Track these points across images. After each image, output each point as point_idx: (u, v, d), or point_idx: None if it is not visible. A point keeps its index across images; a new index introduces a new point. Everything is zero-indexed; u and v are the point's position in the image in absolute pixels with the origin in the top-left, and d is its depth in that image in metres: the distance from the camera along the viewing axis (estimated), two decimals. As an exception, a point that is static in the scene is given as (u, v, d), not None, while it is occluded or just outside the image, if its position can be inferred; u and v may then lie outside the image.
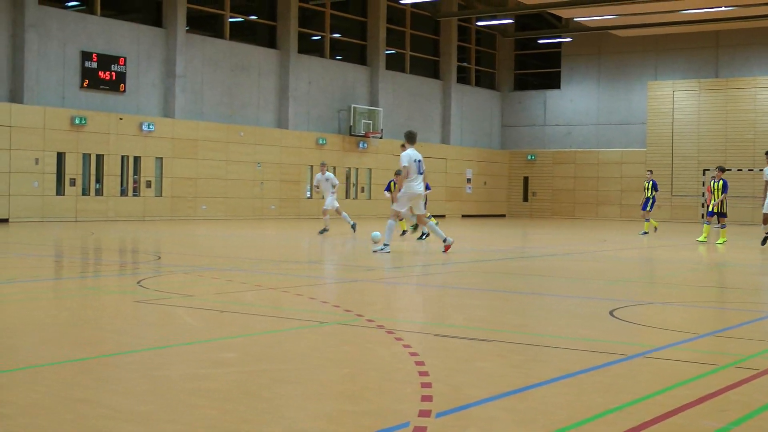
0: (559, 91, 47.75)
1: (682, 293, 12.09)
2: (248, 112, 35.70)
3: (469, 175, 46.37)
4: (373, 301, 10.47)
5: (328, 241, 21.96)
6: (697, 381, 5.89)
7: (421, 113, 44.07)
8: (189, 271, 13.30)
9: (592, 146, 46.46)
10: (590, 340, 7.59)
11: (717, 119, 42.69)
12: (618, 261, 17.75)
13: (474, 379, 5.91)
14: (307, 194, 37.54)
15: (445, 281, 12.87)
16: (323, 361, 6.50)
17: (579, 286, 12.59)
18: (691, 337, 7.88)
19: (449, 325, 8.45)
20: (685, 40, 43.72)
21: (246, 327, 8.01)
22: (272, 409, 4.99)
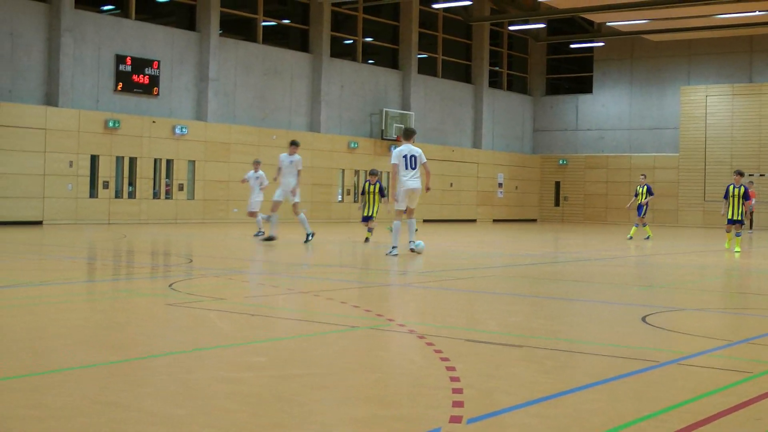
0: (591, 95, 47.54)
1: (714, 299, 11.99)
2: (281, 115, 35.82)
3: (501, 180, 46.25)
4: (404, 306, 10.46)
5: (359, 245, 21.97)
6: (731, 389, 5.84)
7: (452, 117, 44.04)
8: (220, 274, 13.35)
9: (624, 151, 46.21)
10: (622, 347, 7.54)
11: (750, 124, 42.34)
12: (650, 266, 17.63)
13: (506, 384, 5.88)
14: (338, 198, 37.59)
15: (476, 286, 12.84)
16: (354, 366, 6.50)
17: (611, 292, 12.51)
18: (724, 344, 7.81)
19: (480, 330, 8.42)
20: (719, 44, 43.40)
21: (277, 331, 8.03)
22: (304, 413, 5.00)
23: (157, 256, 17.97)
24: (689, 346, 7.82)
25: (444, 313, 9.83)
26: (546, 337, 7.92)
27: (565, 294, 11.96)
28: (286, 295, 10.79)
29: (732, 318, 9.95)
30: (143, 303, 10.09)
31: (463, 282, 13.35)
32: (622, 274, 15.81)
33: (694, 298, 12.15)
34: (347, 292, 11.45)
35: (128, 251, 18.75)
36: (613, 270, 16.48)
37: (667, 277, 15.44)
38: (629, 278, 15.02)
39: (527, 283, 13.50)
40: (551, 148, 48.64)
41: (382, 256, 18.10)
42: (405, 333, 7.89)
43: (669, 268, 17.27)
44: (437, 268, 15.96)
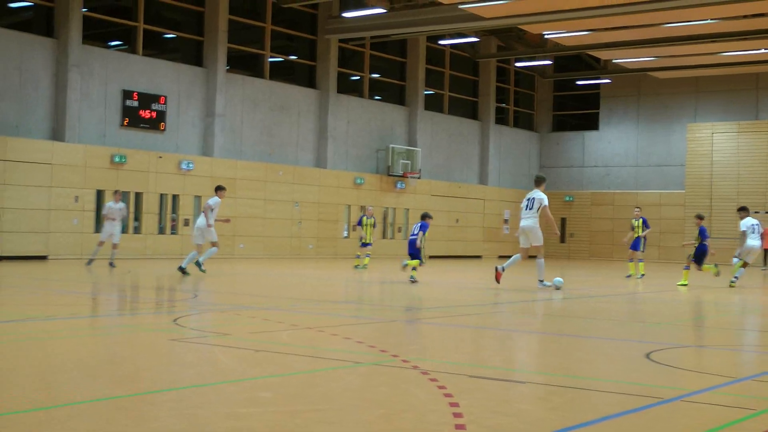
0: (598, 132, 47.65)
1: (719, 336, 11.96)
2: (287, 151, 35.95)
3: (507, 216, 46.27)
4: (409, 342, 10.45)
5: (366, 280, 21.96)
6: (735, 425, 5.82)
7: (459, 153, 44.15)
8: (225, 309, 13.36)
9: (630, 188, 46.23)
10: (627, 383, 7.53)
11: (757, 161, 42.37)
12: (656, 303, 17.60)
13: (510, 421, 5.87)
14: (344, 233, 37.62)
15: (481, 322, 12.82)
16: (358, 402, 6.49)
17: (616, 328, 12.49)
18: (728, 381, 7.79)
19: (485, 366, 8.41)
20: (725, 82, 43.53)
21: (282, 366, 8.03)
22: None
23: (162, 291, 17.98)
24: (693, 382, 7.80)
25: (449, 348, 9.81)
26: (551, 374, 7.91)
27: (571, 330, 11.94)
28: (290, 331, 10.79)
29: (736, 355, 9.92)
30: (147, 338, 10.09)
31: (469, 318, 13.34)
32: (627, 310, 15.78)
33: (698, 334, 12.13)
34: (352, 328, 11.44)
35: (133, 286, 18.77)
36: (618, 307, 16.45)
37: (672, 314, 15.40)
38: (634, 315, 15.00)
39: (534, 320, 13.48)
40: (557, 185, 48.67)
41: (387, 291, 18.08)
42: (409, 369, 7.88)
43: (674, 305, 17.24)
44: (443, 304, 15.95)
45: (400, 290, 18.88)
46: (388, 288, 20.39)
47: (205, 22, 33.28)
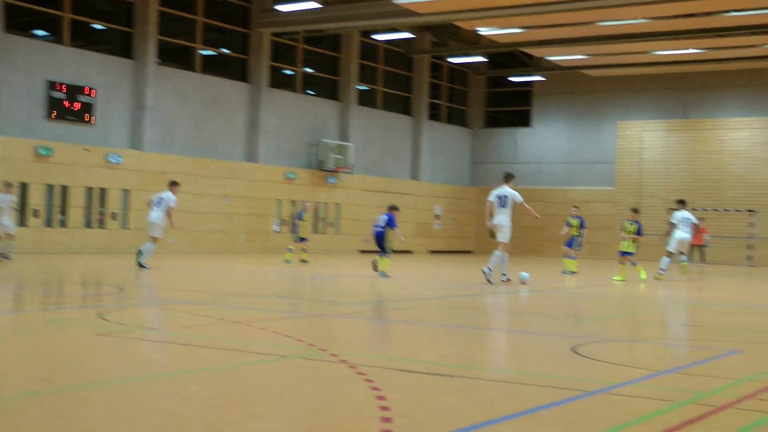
0: (530, 128, 48.07)
1: (644, 330, 12.16)
2: (218, 145, 35.65)
3: (438, 212, 46.48)
4: (337, 336, 10.44)
5: (295, 276, 21.91)
6: (655, 417, 5.92)
7: (392, 149, 44.21)
8: (153, 304, 13.22)
9: (561, 184, 46.72)
10: (552, 377, 7.61)
11: (685, 160, 43.11)
12: (583, 298, 17.82)
13: (436, 414, 5.90)
14: (276, 228, 37.43)
15: (409, 317, 12.86)
16: (286, 396, 6.47)
17: (543, 323, 12.62)
18: (650, 374, 7.92)
19: (413, 360, 8.44)
20: (656, 80, 44.19)
21: (209, 361, 7.97)
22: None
23: (87, 285, 17.73)
24: (617, 375, 7.92)
25: (377, 343, 9.83)
26: (478, 368, 7.96)
27: (500, 325, 12.04)
28: (218, 325, 10.71)
29: (659, 349, 10.09)
30: (73, 333, 9.94)
31: (398, 313, 13.37)
32: (555, 305, 15.96)
33: (624, 329, 12.31)
34: (280, 322, 11.40)
35: (58, 281, 18.47)
36: (546, 302, 16.63)
37: (598, 309, 15.61)
38: (561, 310, 15.17)
39: (462, 314, 13.56)
40: (489, 181, 48.93)
41: (316, 285, 18.04)
42: (337, 363, 7.87)
43: (602, 300, 17.47)
44: (372, 299, 15.96)
45: (329, 285, 18.88)
46: (318, 283, 20.36)
47: (135, 13, 32.84)
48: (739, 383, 7.41)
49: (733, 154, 41.96)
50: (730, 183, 41.78)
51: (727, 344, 10.49)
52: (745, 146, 41.79)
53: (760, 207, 40.51)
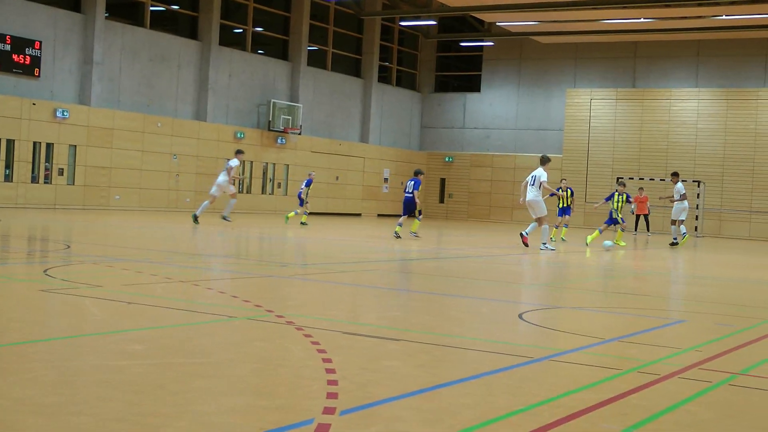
0: (479, 94, 48.12)
1: (591, 298, 12.27)
2: (166, 103, 35.24)
3: (387, 175, 46.46)
4: (285, 298, 10.40)
5: (244, 236, 21.79)
6: (601, 385, 5.97)
7: (341, 111, 44.03)
8: (98, 261, 13.06)
9: (509, 150, 46.90)
10: (499, 343, 7.65)
11: (632, 129, 43.46)
12: (531, 265, 17.94)
13: (381, 377, 5.90)
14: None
15: (358, 280, 12.86)
16: (232, 356, 6.43)
17: (491, 289, 12.69)
18: (597, 342, 7.99)
19: (359, 323, 8.43)
20: (605, 49, 44.42)
21: (155, 319, 7.89)
22: (180, 402, 4.92)
23: (33, 241, 17.48)
24: (563, 343, 7.98)
25: (324, 305, 9.81)
26: (424, 332, 7.97)
27: (446, 290, 12.07)
28: (165, 284, 10.62)
29: (606, 317, 10.19)
30: (17, 289, 9.80)
31: (345, 275, 13.36)
32: (504, 271, 16.04)
33: (571, 296, 12.41)
34: (227, 283, 11.33)
35: (2, 236, 18.18)
36: (495, 267, 16.71)
37: (547, 276, 15.73)
38: (510, 276, 15.26)
39: (409, 278, 13.58)
40: (438, 145, 49.06)
41: (264, 246, 17.95)
42: (283, 324, 7.84)
43: (550, 267, 17.60)
44: (320, 261, 15.94)
45: (278, 246, 18.80)
46: (266, 243, 20.28)
47: (84, -34, 32.22)
48: (683, 352, 7.50)
49: (680, 124, 42.38)
50: (676, 153, 42.23)
51: (672, 314, 10.63)
52: (692, 117, 42.23)
53: (705, 178, 41.04)
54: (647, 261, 21.78)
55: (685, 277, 17.20)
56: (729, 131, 41.38)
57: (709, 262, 21.95)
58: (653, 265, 20.35)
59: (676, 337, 8.54)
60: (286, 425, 4.53)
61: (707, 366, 6.87)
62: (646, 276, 16.99)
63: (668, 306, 11.58)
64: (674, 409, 5.37)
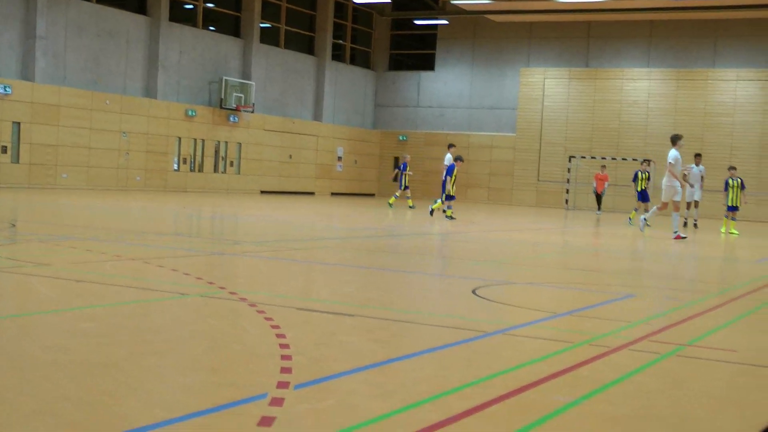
0: (434, 73, 48.11)
1: (543, 274, 12.34)
2: (115, 79, 34.79)
3: (340, 153, 46.37)
4: (237, 275, 10.35)
5: (196, 215, 21.65)
6: (552, 357, 6.01)
7: (294, 89, 43.80)
8: (46, 240, 12.90)
9: (463, 129, 46.99)
10: (452, 317, 7.67)
11: (585, 108, 43.73)
12: (485, 242, 18.01)
13: (335, 352, 5.89)
14: (175, 167, 36.87)
15: (311, 257, 12.82)
16: (185, 333, 6.39)
17: (444, 265, 12.72)
18: (549, 316, 8.05)
19: (313, 299, 8.42)
20: (558, 29, 44.59)
21: (105, 298, 7.81)
22: (132, 381, 4.87)
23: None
24: (516, 317, 8.03)
25: (277, 282, 9.77)
26: (378, 307, 7.98)
27: (400, 266, 12.08)
28: (115, 262, 10.51)
29: (558, 292, 10.26)
30: (-38, 267, 9.64)
31: (299, 252, 13.32)
32: (458, 248, 16.10)
33: (524, 272, 12.48)
34: (178, 260, 11.24)
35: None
36: (449, 245, 16.76)
37: (500, 253, 15.80)
38: (463, 252, 15.31)
39: (363, 255, 13.57)
40: (392, 124, 49.02)
41: (216, 224, 17.82)
42: (236, 301, 7.80)
43: (504, 244, 17.69)
44: (272, 238, 15.88)
45: (229, 224, 18.70)
46: (218, 222, 20.17)
47: (31, -60, 31.64)
48: (632, 326, 7.57)
49: (632, 104, 42.72)
50: (628, 132, 42.58)
51: (622, 288, 10.73)
52: (643, 97, 42.58)
53: (656, 156, 41.39)
54: (599, 238, 21.97)
55: (632, 253, 17.37)
56: (679, 111, 41.80)
57: (658, 239, 22.17)
58: (605, 242, 20.54)
59: (626, 311, 8.62)
60: (239, 400, 4.51)
61: (656, 338, 6.95)
62: (598, 252, 17.14)
63: (617, 281, 11.69)
64: (623, 380, 5.43)
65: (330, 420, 4.22)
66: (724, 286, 11.78)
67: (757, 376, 5.99)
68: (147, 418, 4.14)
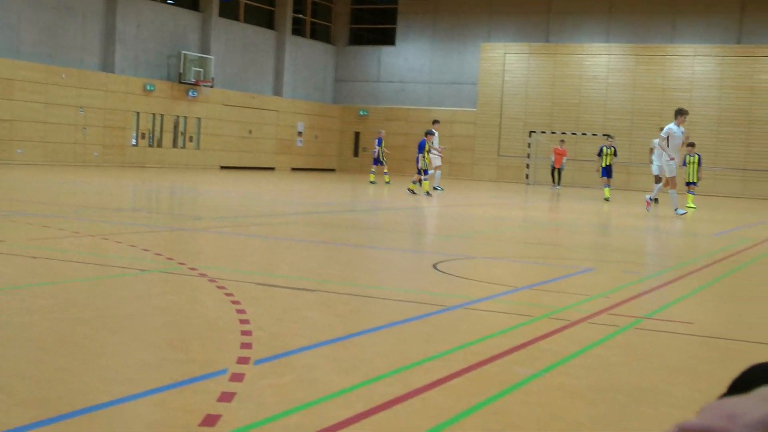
0: (394, 47, 47.97)
1: (504, 248, 12.39)
2: (71, 53, 34.31)
3: (301, 129, 46.18)
4: (198, 250, 10.29)
5: (155, 191, 21.48)
6: (512, 331, 6.03)
7: (254, 63, 43.49)
8: (0, 215, 12.74)
9: (424, 104, 46.95)
10: (413, 292, 7.68)
11: (545, 83, 43.84)
12: (446, 217, 18.04)
13: (296, 328, 5.87)
14: (133, 142, 36.53)
15: (271, 232, 12.78)
16: (145, 309, 6.34)
17: (405, 240, 12.73)
18: (509, 290, 8.08)
19: (274, 274, 8.38)
20: (518, 3, 44.59)
21: (62, 274, 7.72)
22: (91, 357, 4.82)
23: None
24: (476, 291, 8.05)
25: (237, 257, 9.72)
26: (339, 282, 7.96)
27: (360, 241, 12.08)
28: (72, 238, 10.40)
29: (518, 266, 10.30)
30: None
31: (259, 228, 13.26)
32: (419, 223, 16.11)
33: (484, 247, 12.52)
34: (137, 236, 11.15)
35: None
36: (410, 219, 16.77)
37: (461, 227, 15.83)
38: (425, 227, 15.33)
39: (323, 231, 13.54)
40: (352, 99, 48.88)
41: (175, 200, 17.70)
42: (196, 277, 7.75)
43: (464, 219, 17.72)
44: (232, 215, 15.79)
45: (189, 199, 18.58)
46: (178, 197, 20.03)
47: None
48: (592, 299, 7.62)
49: (592, 79, 42.89)
50: (588, 107, 42.77)
51: (581, 262, 10.79)
52: (603, 72, 42.77)
53: (615, 131, 41.65)
54: (559, 213, 22.08)
55: (592, 228, 17.48)
56: (638, 86, 42.04)
57: (617, 214, 22.33)
58: (565, 217, 20.64)
59: (586, 285, 8.68)
60: (199, 376, 4.48)
61: (615, 311, 7.00)
62: (558, 227, 17.23)
63: (577, 255, 11.76)
64: (583, 353, 5.46)
65: (291, 395, 4.20)
66: (681, 260, 11.89)
67: (713, 347, 6.05)
68: (105, 394, 4.10)
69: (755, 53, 40.15)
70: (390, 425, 3.82)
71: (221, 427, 3.67)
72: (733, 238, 15.72)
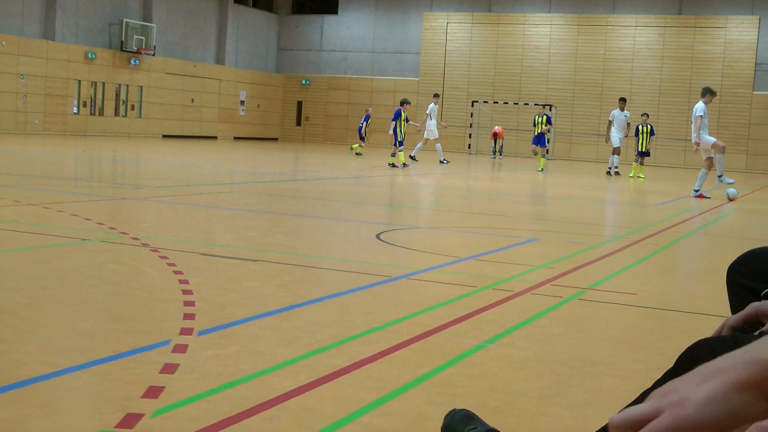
0: (337, 16, 47.70)
1: (448, 219, 12.44)
2: (11, 20, 33.65)
3: (243, 98, 45.82)
4: (140, 220, 10.19)
5: (97, 159, 21.21)
6: (456, 302, 6.07)
7: (196, 32, 42.98)
8: (-60, 184, 12.51)
9: (366, 74, 46.82)
10: (356, 262, 7.68)
11: (488, 53, 43.92)
12: (389, 186, 18.05)
13: (239, 298, 5.85)
14: (74, 110, 35.99)
15: (214, 201, 12.69)
16: (86, 279, 6.27)
17: (348, 210, 12.72)
18: (453, 261, 8.11)
19: (217, 244, 8.33)
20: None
21: (2, 243, 7.61)
22: (31, 327, 4.76)
23: None
24: (420, 262, 8.08)
25: (179, 227, 9.65)
26: (282, 252, 7.94)
27: (303, 211, 12.05)
28: (13, 207, 10.24)
29: (462, 236, 10.35)
30: None
31: (201, 197, 13.16)
32: (362, 193, 16.10)
33: (428, 217, 12.56)
34: (79, 205, 11.01)
35: None
36: (353, 189, 16.75)
37: (404, 197, 15.86)
38: (368, 197, 15.33)
39: (266, 200, 13.48)
40: (295, 68, 48.59)
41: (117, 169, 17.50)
42: (138, 246, 7.68)
43: (407, 189, 17.75)
44: (175, 183, 15.65)
45: (131, 168, 18.37)
46: (120, 166, 19.81)
47: None
48: (535, 269, 7.69)
49: (534, 49, 43.05)
50: (530, 77, 42.96)
51: (525, 233, 10.87)
52: (545, 42, 42.94)
53: (557, 102, 41.93)
54: (503, 183, 22.21)
55: (537, 198, 17.62)
56: (580, 56, 42.30)
57: (560, 184, 22.52)
58: (508, 186, 20.77)
59: (529, 255, 8.75)
60: (142, 347, 4.45)
61: (558, 282, 7.06)
62: (498, 197, 17.33)
63: (520, 225, 11.84)
64: (527, 324, 5.51)
65: (235, 366, 4.19)
66: (625, 230, 12.03)
67: (656, 318, 6.15)
68: (46, 366, 4.05)
69: (696, 24, 40.57)
70: (334, 396, 3.83)
71: (164, 399, 3.65)
72: (674, 208, 15.95)
